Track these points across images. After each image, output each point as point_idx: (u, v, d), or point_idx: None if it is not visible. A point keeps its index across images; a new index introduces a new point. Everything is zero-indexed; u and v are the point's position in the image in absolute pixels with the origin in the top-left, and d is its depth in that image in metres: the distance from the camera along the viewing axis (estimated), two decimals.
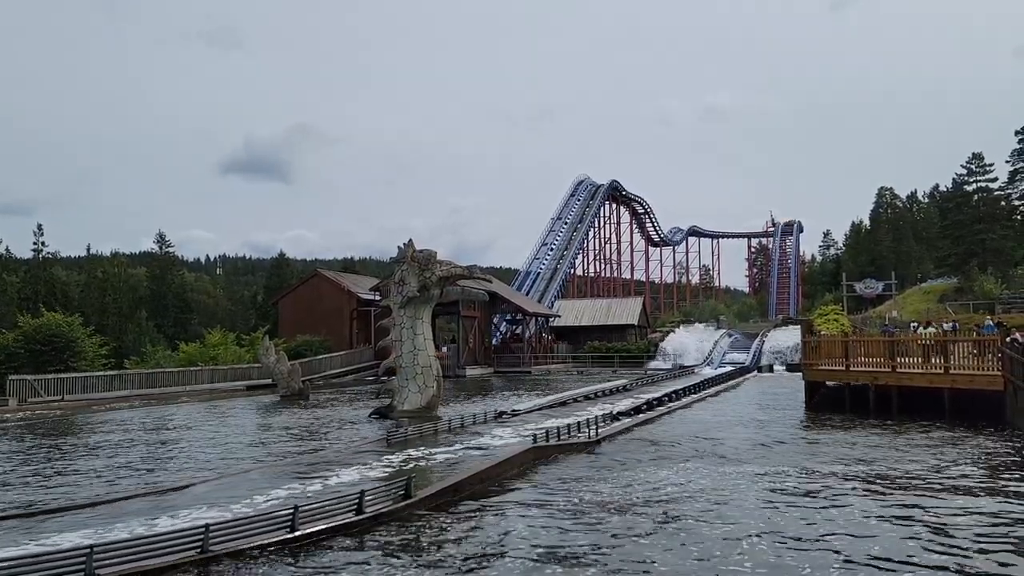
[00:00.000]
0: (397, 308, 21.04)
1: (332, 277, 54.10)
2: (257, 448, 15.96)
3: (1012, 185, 69.95)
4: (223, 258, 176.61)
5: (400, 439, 15.62)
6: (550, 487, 10.73)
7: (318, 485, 11.08)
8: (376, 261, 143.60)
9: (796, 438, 16.32)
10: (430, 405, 20.69)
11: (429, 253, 20.85)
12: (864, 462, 12.61)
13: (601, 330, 59.56)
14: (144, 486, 11.56)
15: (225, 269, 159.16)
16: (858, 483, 10.81)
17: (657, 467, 12.29)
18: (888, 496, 9.92)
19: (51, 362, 33.07)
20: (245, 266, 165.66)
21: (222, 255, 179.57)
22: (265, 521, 7.67)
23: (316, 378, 38.30)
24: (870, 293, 63.55)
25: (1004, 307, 48.17)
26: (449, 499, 9.78)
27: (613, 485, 10.81)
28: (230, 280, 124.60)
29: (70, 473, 13.08)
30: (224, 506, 9.68)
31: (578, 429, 15.47)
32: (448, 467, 12.59)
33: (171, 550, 6.90)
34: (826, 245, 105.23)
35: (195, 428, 20.02)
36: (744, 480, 11.14)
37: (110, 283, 63.62)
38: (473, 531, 8.33)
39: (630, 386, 31.26)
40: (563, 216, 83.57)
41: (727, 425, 18.55)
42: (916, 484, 10.70)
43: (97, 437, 18.37)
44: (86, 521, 8.97)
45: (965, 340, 20.65)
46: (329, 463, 13.13)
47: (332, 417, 22.14)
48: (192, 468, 13.38)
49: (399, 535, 8.13)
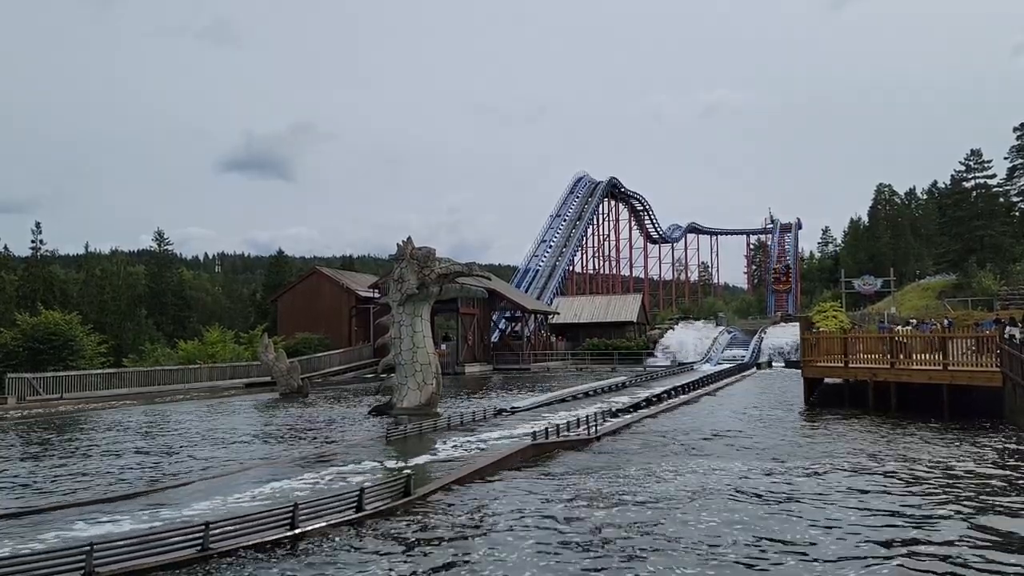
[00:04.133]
0: (396, 305, 21.04)
1: (331, 275, 54.09)
2: (256, 446, 15.96)
3: (1011, 181, 70.03)
4: (222, 256, 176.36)
5: (399, 436, 15.63)
6: (549, 484, 10.73)
7: (318, 483, 11.08)
8: (375, 259, 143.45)
9: (794, 434, 16.33)
10: (429, 402, 20.69)
11: (428, 250, 20.85)
12: (863, 457, 12.63)
13: (600, 327, 59.57)
14: (144, 484, 11.56)
15: (224, 267, 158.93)
16: (855, 477, 10.84)
17: (656, 463, 12.29)
18: (881, 495, 9.93)
19: (50, 360, 33.01)
20: (244, 264, 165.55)
21: (221, 253, 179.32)
22: (265, 519, 7.66)
23: (315, 376, 38.30)
24: (868, 290, 63.53)
25: (1003, 303, 48.19)
26: (449, 496, 9.78)
27: (612, 482, 10.82)
28: (229, 278, 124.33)
29: (69, 471, 13.07)
30: (224, 504, 9.69)
31: (577, 426, 15.49)
32: (447, 464, 12.59)
33: (171, 547, 6.90)
34: (825, 242, 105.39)
35: (194, 426, 20.01)
36: (742, 477, 11.15)
37: (108, 281, 63.47)
38: (472, 528, 8.33)
39: (629, 383, 31.29)
40: (562, 213, 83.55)
41: (726, 422, 18.57)
42: (915, 482, 10.73)
43: (96, 435, 18.35)
44: (85, 519, 8.96)
45: (964, 337, 20.66)
46: (328, 460, 13.13)
47: (331, 415, 22.14)
48: (191, 466, 13.37)
49: (399, 532, 8.13)
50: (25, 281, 56.08)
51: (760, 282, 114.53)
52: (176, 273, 76.36)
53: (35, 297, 51.74)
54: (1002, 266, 59.96)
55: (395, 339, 21.06)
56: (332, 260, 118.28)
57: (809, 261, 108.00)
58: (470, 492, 10.12)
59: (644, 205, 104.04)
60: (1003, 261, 61.47)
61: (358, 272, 67.68)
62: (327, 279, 52.46)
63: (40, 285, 55.42)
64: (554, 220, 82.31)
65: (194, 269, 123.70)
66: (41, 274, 57.38)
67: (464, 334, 48.65)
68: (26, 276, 56.99)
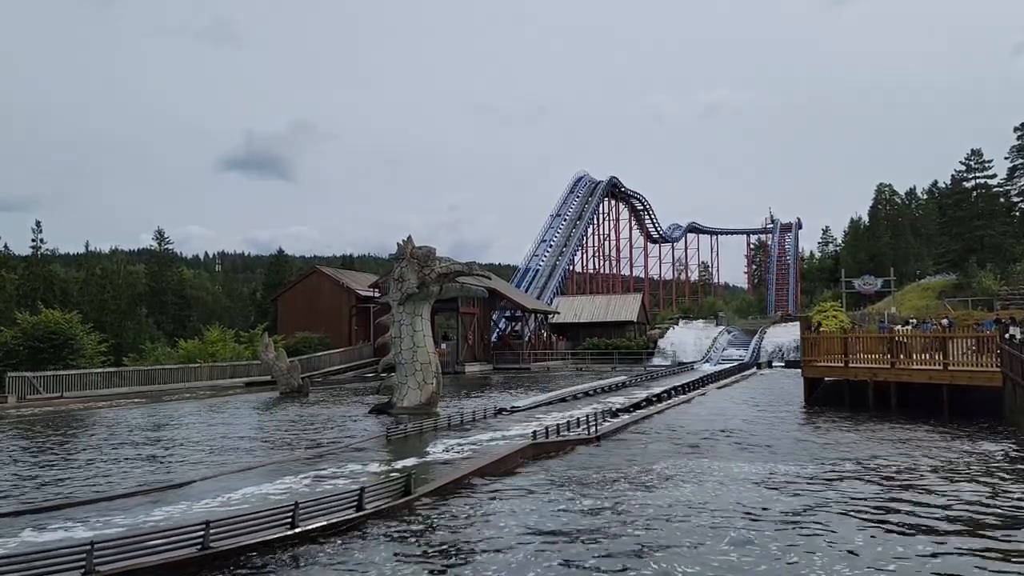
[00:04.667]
0: (396, 305, 21.03)
1: (331, 274, 54.08)
2: (256, 445, 15.95)
3: (1011, 181, 69.99)
4: (222, 255, 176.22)
5: (400, 435, 15.63)
6: (549, 483, 10.73)
7: (318, 482, 11.08)
8: (375, 258, 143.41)
9: (794, 433, 16.32)
10: (430, 402, 20.69)
11: (428, 250, 20.85)
12: (862, 456, 12.63)
13: (600, 327, 59.57)
14: (144, 483, 11.55)
15: (224, 266, 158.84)
16: (853, 478, 10.84)
17: (656, 464, 12.30)
18: (875, 496, 9.94)
19: (50, 359, 33.01)
20: (244, 263, 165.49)
21: (221, 252, 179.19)
22: (265, 517, 7.66)
23: (315, 375, 38.31)
24: (869, 290, 63.50)
25: (1003, 303, 48.18)
26: (449, 495, 9.78)
27: (612, 482, 10.82)
28: (229, 277, 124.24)
29: (70, 470, 13.07)
30: (224, 503, 9.69)
31: (577, 425, 15.48)
32: (448, 463, 12.59)
33: (171, 546, 6.89)
34: (825, 242, 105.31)
35: (195, 425, 20.01)
36: (743, 477, 11.15)
37: (109, 280, 63.43)
38: (473, 527, 8.33)
39: (629, 383, 31.29)
40: (562, 213, 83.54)
41: (726, 421, 18.56)
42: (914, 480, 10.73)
43: (96, 434, 18.35)
44: (86, 517, 8.97)
45: (964, 337, 20.67)
46: (329, 460, 13.13)
47: (331, 414, 22.14)
48: (192, 465, 13.36)
49: (399, 531, 8.13)
50: (25, 280, 56.08)
51: (760, 282, 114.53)
52: (176, 272, 76.38)
53: (35, 296, 51.74)
54: (1002, 266, 59.94)
55: (395, 338, 21.05)
56: (332, 259, 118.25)
57: (809, 261, 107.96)
58: (470, 491, 10.12)
59: (644, 205, 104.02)
60: (1003, 261, 61.44)
61: (358, 271, 67.65)
62: (327, 278, 52.46)
63: (40, 284, 55.42)
64: (554, 220, 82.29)
65: (194, 268, 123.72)
66: (41, 273, 57.38)
67: (464, 333, 48.65)
68: (26, 275, 56.99)
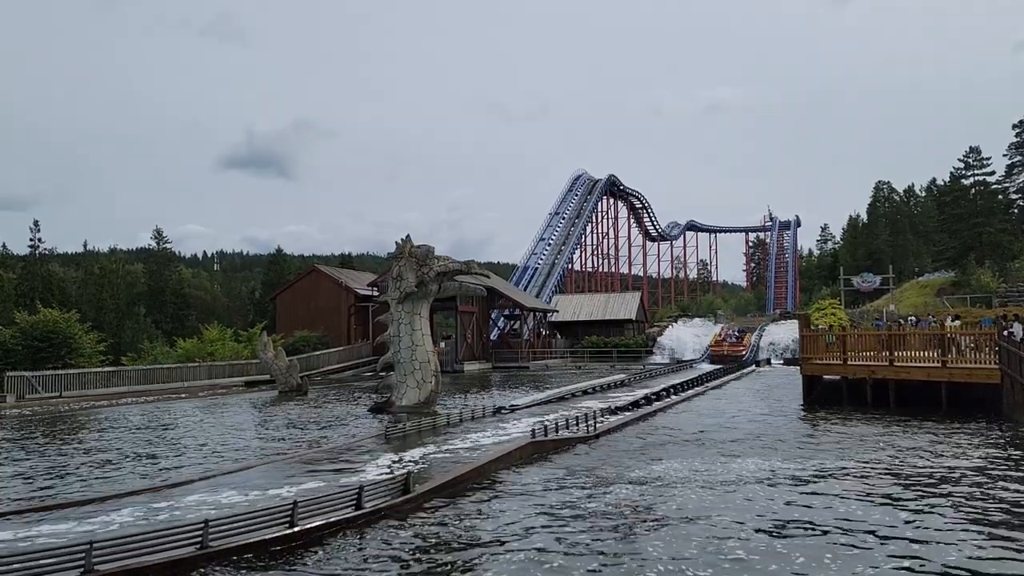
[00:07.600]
0: (395, 303, 21.03)
1: (330, 273, 54.04)
2: (255, 444, 15.96)
3: (1009, 179, 70.02)
4: (220, 254, 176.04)
5: (398, 434, 15.63)
6: (549, 482, 10.74)
7: (317, 481, 11.08)
8: (374, 257, 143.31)
9: (793, 431, 16.33)
10: (428, 400, 20.69)
11: (427, 249, 20.84)
12: (861, 454, 12.65)
13: (599, 325, 59.59)
14: (143, 482, 11.55)
15: (223, 265, 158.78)
16: (853, 477, 10.86)
17: (655, 461, 12.31)
18: (873, 495, 9.94)
19: (48, 358, 32.98)
20: (242, 262, 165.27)
21: (219, 251, 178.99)
22: (264, 516, 7.67)
23: (314, 374, 38.31)
24: (867, 287, 63.54)
25: (1001, 300, 48.21)
26: (448, 494, 9.79)
27: (612, 481, 10.83)
28: (227, 276, 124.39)
29: (68, 469, 13.07)
30: (223, 502, 9.69)
31: (576, 423, 15.49)
32: (446, 462, 12.59)
33: (171, 545, 6.89)
34: (823, 239, 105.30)
35: (193, 424, 20.01)
36: (743, 476, 11.16)
37: (107, 279, 63.46)
38: (472, 526, 8.34)
39: (628, 381, 31.30)
40: (561, 211, 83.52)
41: (725, 419, 18.58)
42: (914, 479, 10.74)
43: (95, 433, 18.35)
44: (85, 517, 8.96)
45: (963, 334, 20.67)
46: (327, 459, 13.13)
47: (330, 413, 22.13)
48: (191, 464, 13.37)
49: (398, 530, 8.13)
50: (24, 279, 56.08)
51: (759, 280, 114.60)
52: (175, 271, 76.34)
53: (34, 295, 51.75)
54: (1001, 263, 59.94)
55: (394, 337, 21.05)
56: (331, 258, 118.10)
57: (808, 259, 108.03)
58: (469, 490, 10.12)
59: (643, 203, 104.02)
60: (1002, 258, 61.44)
61: (357, 270, 67.62)
62: (326, 277, 52.42)
63: (39, 283, 55.44)
64: (553, 218, 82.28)
65: (193, 267, 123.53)
66: (40, 272, 57.40)
67: (463, 332, 48.64)
68: (25, 274, 57.00)
